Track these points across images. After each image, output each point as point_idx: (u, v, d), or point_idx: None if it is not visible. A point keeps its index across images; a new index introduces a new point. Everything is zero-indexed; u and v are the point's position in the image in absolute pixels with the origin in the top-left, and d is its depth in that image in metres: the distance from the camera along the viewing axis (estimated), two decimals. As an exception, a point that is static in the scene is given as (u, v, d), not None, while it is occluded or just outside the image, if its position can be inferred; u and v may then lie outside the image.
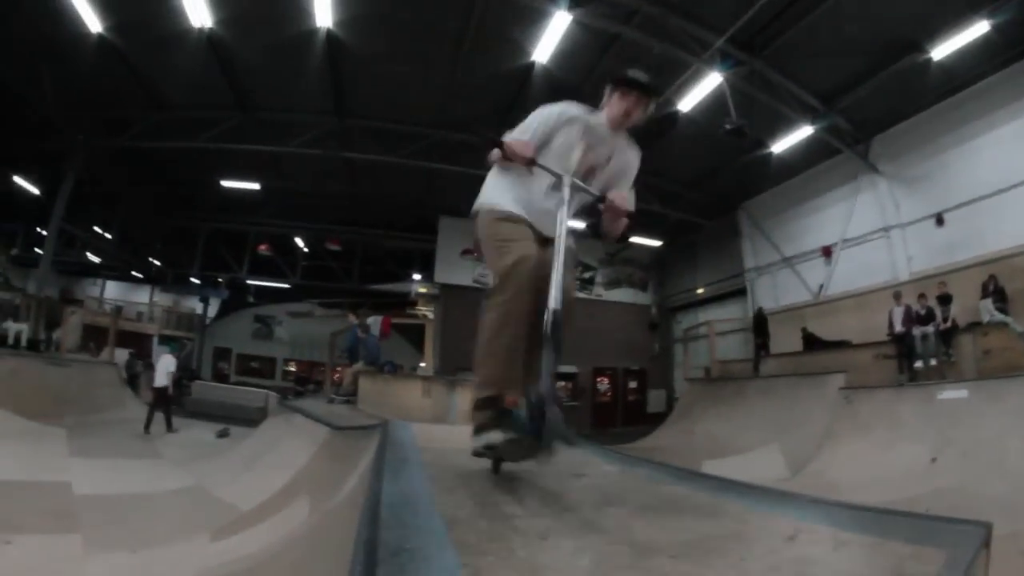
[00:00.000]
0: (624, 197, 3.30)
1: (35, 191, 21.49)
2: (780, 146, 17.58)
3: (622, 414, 23.69)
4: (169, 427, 13.94)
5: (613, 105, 3.32)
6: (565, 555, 2.18)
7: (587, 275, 24.13)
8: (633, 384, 24.68)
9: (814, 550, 2.05)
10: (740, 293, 21.97)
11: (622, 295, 24.84)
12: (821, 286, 18.95)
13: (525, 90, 15.37)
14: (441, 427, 8.26)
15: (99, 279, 30.12)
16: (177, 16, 13.36)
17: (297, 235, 25.43)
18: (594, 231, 3.58)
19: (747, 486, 3.19)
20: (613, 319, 24.05)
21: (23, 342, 15.39)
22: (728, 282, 22.51)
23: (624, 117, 3.31)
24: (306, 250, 25.91)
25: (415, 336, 22.61)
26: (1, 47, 15.03)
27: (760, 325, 18.63)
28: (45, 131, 18.42)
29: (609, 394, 24.30)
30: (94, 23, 13.73)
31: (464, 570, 2.00)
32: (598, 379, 23.96)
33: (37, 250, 22.19)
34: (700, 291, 23.80)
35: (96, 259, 27.12)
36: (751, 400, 14.68)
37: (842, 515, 2.35)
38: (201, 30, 13.85)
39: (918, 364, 12.98)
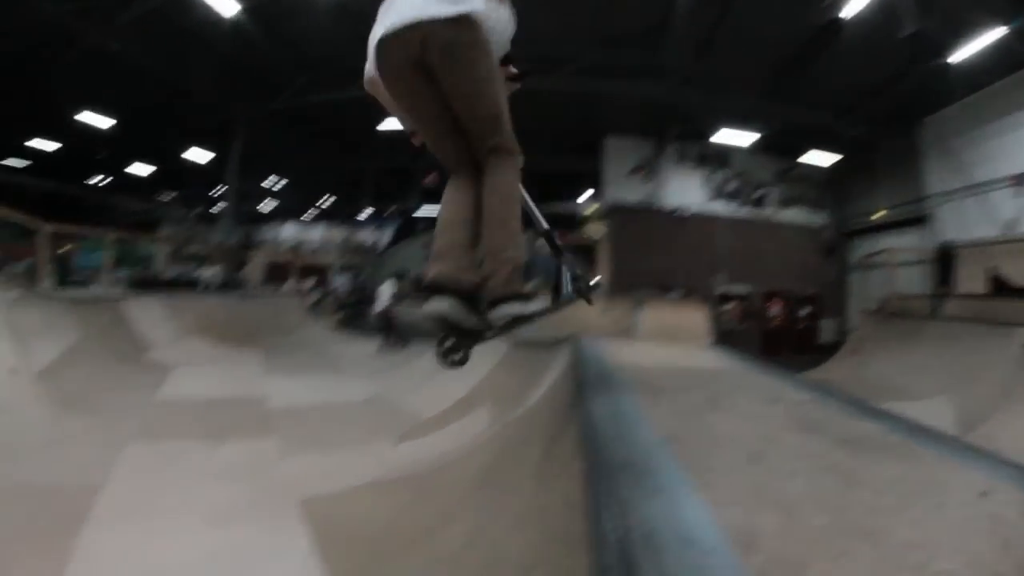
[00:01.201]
0: None
1: (210, 156, 24.62)
2: (965, 54, 15.07)
3: (791, 342, 22.54)
4: (395, 345, 15.11)
5: None
6: (780, 477, 2.26)
7: (759, 193, 23.09)
8: (805, 311, 23.36)
9: (1007, 511, 2.00)
10: (921, 221, 19.63)
11: (796, 216, 23.38)
12: (1017, 220, 16.48)
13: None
14: (627, 345, 8.34)
15: (276, 223, 32.91)
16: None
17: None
18: None
19: (940, 434, 3.14)
20: (786, 241, 22.65)
21: (216, 284, 17.39)
22: (908, 207, 20.12)
23: None
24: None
25: (585, 256, 22.62)
26: (155, 48, 17.12)
27: (944, 261, 16.96)
28: (209, 109, 20.84)
29: (780, 320, 23.08)
30: (228, 10, 15.16)
31: (692, 484, 2.10)
32: (769, 303, 22.91)
33: (218, 207, 26.04)
34: (878, 216, 21.59)
35: (271, 205, 29.65)
36: (926, 344, 13.12)
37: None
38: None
39: None
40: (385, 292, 16.42)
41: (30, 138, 24.32)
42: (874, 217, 21.62)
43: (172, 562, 3.96)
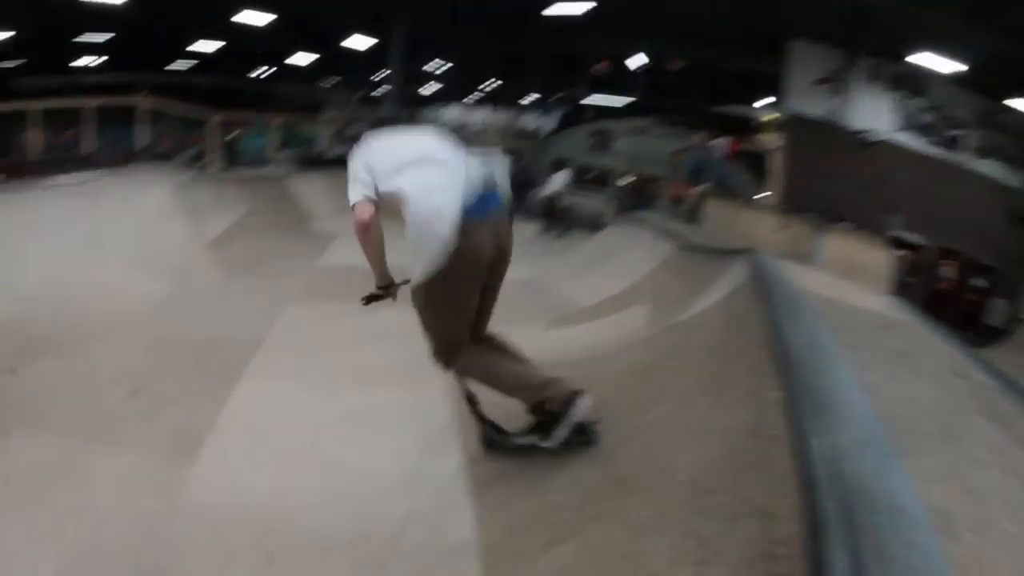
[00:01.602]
0: None
1: (371, 42, 24.83)
2: None
3: (956, 312, 19.72)
4: (556, 232, 15.44)
5: None
6: (972, 465, 2.13)
7: (954, 133, 20.49)
8: (978, 281, 20.33)
9: None
10: None
11: (991, 169, 20.39)
12: None
13: None
14: (805, 271, 7.87)
15: (439, 105, 33.02)
16: None
17: (634, 54, 24.75)
18: None
19: None
20: (974, 196, 19.93)
21: None
22: None
23: None
24: (645, 69, 25.25)
25: (755, 165, 21.30)
26: None
27: None
28: None
29: (949, 283, 20.37)
30: None
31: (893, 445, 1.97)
32: (942, 261, 20.27)
33: (380, 90, 26.86)
34: None
35: (434, 88, 29.73)
36: None
37: None
38: None
39: None
40: (558, 179, 16.66)
41: (193, 42, 26.01)
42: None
43: (317, 416, 4.31)
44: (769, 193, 19.97)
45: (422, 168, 3.10)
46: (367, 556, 2.84)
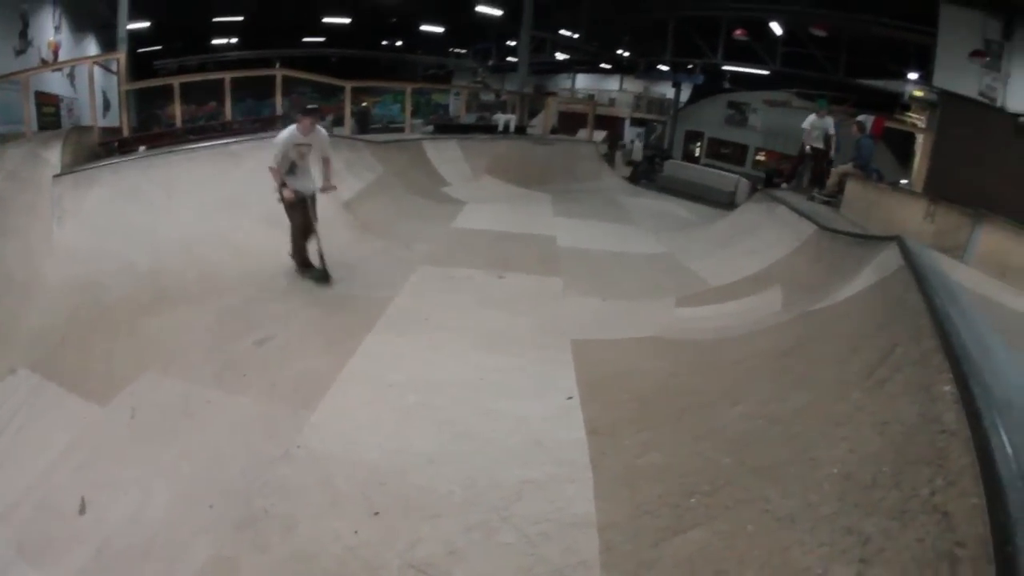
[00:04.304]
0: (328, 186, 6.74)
1: (499, 12, 24.46)
2: None
3: None
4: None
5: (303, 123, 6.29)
6: None
7: None
8: None
9: None
10: None
11: None
12: None
13: None
14: (958, 266, 7.36)
15: (570, 73, 32.83)
16: None
17: (776, 19, 23.60)
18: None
19: None
20: None
21: (511, 128, 17.96)
22: None
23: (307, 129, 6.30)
24: (786, 36, 24.07)
25: (900, 145, 19.96)
26: None
27: None
28: None
29: None
30: None
31: None
32: None
33: (511, 58, 26.46)
34: None
35: (565, 56, 29.43)
36: None
37: None
38: None
39: None
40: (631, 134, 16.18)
41: (324, 17, 26.81)
42: None
43: (439, 376, 4.37)
44: (915, 178, 18.63)
45: None
46: (477, 520, 2.81)
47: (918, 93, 19.69)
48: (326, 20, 27.14)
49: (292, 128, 6.26)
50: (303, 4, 24.30)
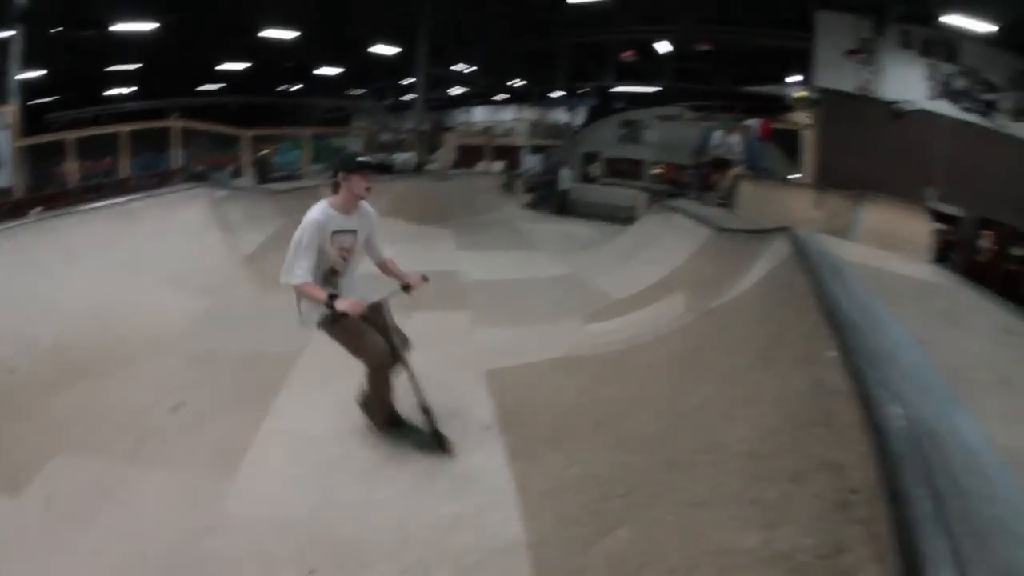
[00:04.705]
0: (417, 278, 4.36)
1: (396, 50, 25.04)
2: None
3: (996, 282, 18.78)
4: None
5: (354, 187, 4.02)
6: None
7: (990, 97, 19.73)
8: (1017, 251, 19.38)
9: None
10: None
11: None
12: None
13: None
14: (846, 244, 7.74)
15: (467, 107, 33.53)
16: None
17: (663, 39, 24.58)
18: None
19: None
20: (1012, 162, 19.31)
21: (410, 169, 18.33)
22: None
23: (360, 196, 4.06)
24: (674, 53, 25.06)
25: (789, 143, 20.97)
26: None
27: None
28: (386, 3, 20.99)
29: (988, 254, 19.50)
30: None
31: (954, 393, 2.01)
32: (981, 232, 19.40)
33: (409, 96, 27.15)
34: None
35: (462, 90, 30.11)
36: None
37: None
38: None
39: None
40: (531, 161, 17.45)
41: (221, 62, 26.59)
42: None
43: (354, 425, 4.23)
44: (804, 171, 19.62)
45: None
46: (412, 561, 2.81)
47: (801, 94, 20.81)
48: (223, 68, 26.78)
49: (323, 206, 4.06)
50: (200, 50, 23.82)
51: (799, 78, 21.77)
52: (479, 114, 33.99)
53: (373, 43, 24.67)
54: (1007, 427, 2.06)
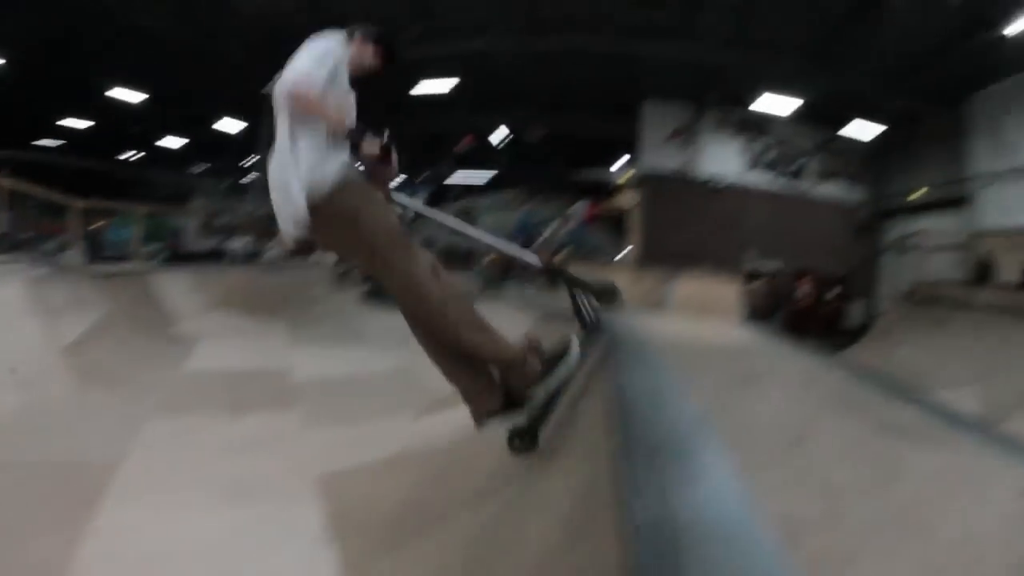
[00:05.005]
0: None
1: (242, 126, 24.55)
2: (1021, 26, 13.99)
3: (818, 324, 21.56)
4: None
5: (365, 55, 3.60)
6: (823, 463, 2.21)
7: (798, 164, 22.16)
8: (833, 292, 22.39)
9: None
10: (960, 202, 18.58)
11: (833, 191, 22.33)
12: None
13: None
14: (659, 317, 8.26)
15: None
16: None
17: (497, 127, 25.60)
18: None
19: (977, 424, 3.15)
20: (820, 218, 21.72)
21: (244, 256, 17.71)
22: (948, 188, 19.09)
23: (363, 70, 3.61)
24: (507, 141, 26.11)
25: (616, 225, 22.31)
26: (184, 19, 17.14)
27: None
28: (239, 78, 20.06)
29: (807, 300, 22.14)
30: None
31: (733, 468, 2.03)
32: (798, 282, 21.98)
33: (249, 177, 26.11)
34: (916, 195, 20.61)
35: None
36: (956, 332, 13.14)
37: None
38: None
39: None
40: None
41: (63, 117, 24.51)
42: (912, 197, 20.79)
43: (183, 539, 3.87)
44: (630, 250, 21.01)
45: None
46: None
47: (626, 176, 22.48)
48: (64, 123, 24.77)
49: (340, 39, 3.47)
50: (42, 100, 22.03)
51: (625, 161, 23.49)
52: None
53: (220, 117, 23.93)
54: (793, 491, 2.06)
